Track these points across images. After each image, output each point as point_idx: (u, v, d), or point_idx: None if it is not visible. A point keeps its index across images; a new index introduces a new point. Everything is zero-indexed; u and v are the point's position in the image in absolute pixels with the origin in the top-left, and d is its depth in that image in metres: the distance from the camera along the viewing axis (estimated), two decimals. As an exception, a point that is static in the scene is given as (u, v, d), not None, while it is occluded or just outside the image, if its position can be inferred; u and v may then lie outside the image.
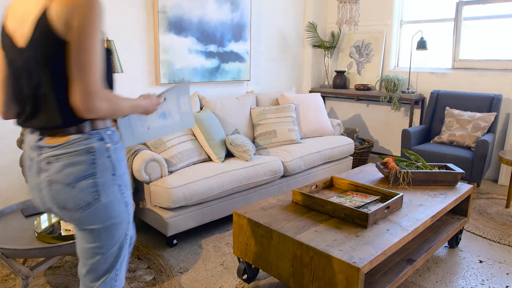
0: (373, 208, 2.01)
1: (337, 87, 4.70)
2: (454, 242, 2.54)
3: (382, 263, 1.95)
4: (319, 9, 4.80)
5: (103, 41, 1.12)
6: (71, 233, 1.86)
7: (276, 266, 1.84)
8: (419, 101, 4.27)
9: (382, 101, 4.22)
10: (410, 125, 4.14)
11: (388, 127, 4.63)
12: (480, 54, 4.00)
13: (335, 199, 2.15)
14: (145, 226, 2.80)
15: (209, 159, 2.97)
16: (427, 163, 2.73)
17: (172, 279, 2.17)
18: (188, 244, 2.59)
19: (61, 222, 1.94)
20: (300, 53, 4.80)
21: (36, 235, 1.81)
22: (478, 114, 3.60)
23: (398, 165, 2.53)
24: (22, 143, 2.00)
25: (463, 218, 2.52)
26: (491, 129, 3.57)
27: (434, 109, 4.02)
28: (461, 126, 3.64)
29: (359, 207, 2.01)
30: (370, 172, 2.73)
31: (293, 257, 1.75)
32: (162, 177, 2.57)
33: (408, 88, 4.25)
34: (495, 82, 3.80)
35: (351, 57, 4.82)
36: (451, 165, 2.59)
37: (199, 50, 3.56)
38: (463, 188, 2.43)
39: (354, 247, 1.65)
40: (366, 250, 1.62)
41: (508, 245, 2.59)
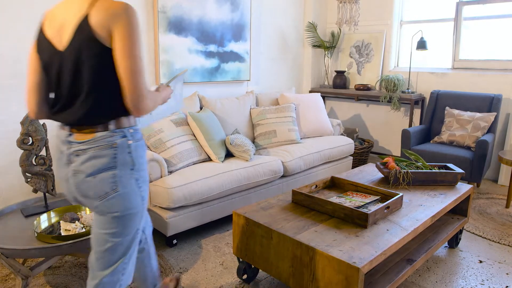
0: (373, 208, 2.01)
1: (337, 87, 4.70)
2: (454, 242, 2.53)
3: (382, 263, 1.95)
4: (319, 9, 4.80)
5: (143, 45, 1.21)
6: (70, 233, 1.86)
7: (276, 266, 1.84)
8: (419, 101, 4.27)
9: (382, 101, 4.22)
10: (410, 125, 4.14)
11: (388, 127, 4.63)
12: (480, 54, 4.00)
13: (335, 199, 2.15)
14: (145, 226, 2.80)
15: (209, 159, 2.97)
16: (427, 163, 2.73)
17: (172, 279, 2.17)
18: (188, 244, 2.59)
19: (61, 222, 1.94)
20: (300, 53, 4.80)
21: (36, 235, 1.81)
22: (478, 114, 3.60)
23: (398, 165, 2.53)
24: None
25: (463, 218, 2.52)
26: (491, 129, 3.57)
27: (434, 109, 4.02)
28: (461, 126, 3.64)
29: (359, 207, 2.01)
30: (370, 172, 2.73)
31: (293, 257, 1.75)
32: (162, 177, 2.57)
33: (408, 88, 4.25)
34: (495, 82, 3.80)
35: (351, 57, 4.82)
36: (451, 165, 2.59)
37: (199, 50, 3.56)
38: (463, 188, 2.43)
39: (354, 247, 1.65)
40: (366, 250, 1.62)
41: (508, 245, 2.59)
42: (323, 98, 5.04)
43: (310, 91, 4.82)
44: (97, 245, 1.31)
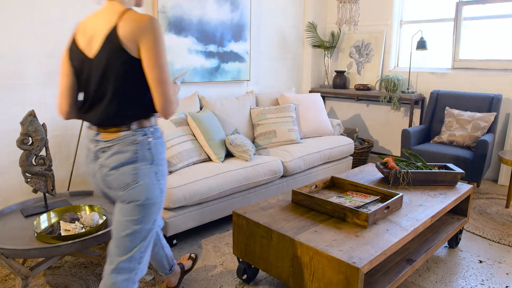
0: (373, 208, 2.01)
1: (337, 87, 4.70)
2: (454, 242, 2.53)
3: (382, 263, 1.95)
4: (319, 9, 4.80)
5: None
6: (70, 233, 1.86)
7: (276, 266, 1.84)
8: (419, 101, 4.27)
9: (382, 101, 4.22)
10: (410, 125, 4.14)
11: (388, 127, 4.63)
12: (480, 54, 4.00)
13: (335, 199, 2.15)
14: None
15: (209, 159, 2.97)
16: (427, 163, 2.73)
17: (172, 279, 2.16)
18: (188, 244, 2.59)
19: (60, 222, 1.94)
20: (300, 53, 4.80)
21: (36, 235, 1.81)
22: (478, 114, 3.60)
23: (398, 165, 2.53)
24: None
25: (463, 218, 2.52)
26: (491, 129, 3.57)
27: (434, 109, 4.02)
28: (461, 126, 3.64)
29: (359, 207, 2.01)
30: (370, 172, 2.73)
31: (292, 257, 1.75)
32: (162, 177, 2.57)
33: (408, 88, 4.25)
34: (495, 82, 3.80)
35: (351, 57, 4.82)
36: (451, 165, 2.59)
37: (199, 50, 3.56)
38: (463, 188, 2.43)
39: (353, 247, 1.65)
40: (365, 250, 1.62)
41: (508, 245, 2.59)
42: (323, 98, 5.04)
43: (310, 91, 4.82)
44: (117, 231, 1.41)
